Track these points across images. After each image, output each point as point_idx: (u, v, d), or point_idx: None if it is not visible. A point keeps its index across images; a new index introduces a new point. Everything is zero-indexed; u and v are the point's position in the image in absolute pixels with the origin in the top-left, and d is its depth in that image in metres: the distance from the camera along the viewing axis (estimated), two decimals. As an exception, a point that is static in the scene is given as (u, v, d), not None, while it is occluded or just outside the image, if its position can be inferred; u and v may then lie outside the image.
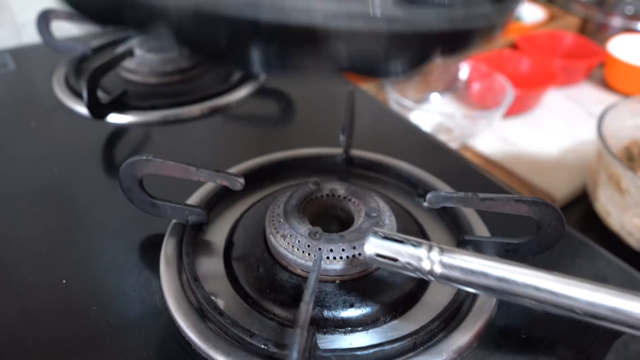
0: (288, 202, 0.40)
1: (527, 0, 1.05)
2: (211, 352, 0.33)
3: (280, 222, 0.38)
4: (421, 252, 0.30)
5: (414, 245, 0.31)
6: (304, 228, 0.37)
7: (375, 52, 0.23)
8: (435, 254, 0.30)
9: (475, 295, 0.38)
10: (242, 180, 0.39)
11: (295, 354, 0.26)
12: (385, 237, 0.31)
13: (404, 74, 0.28)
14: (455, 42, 0.25)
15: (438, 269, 0.30)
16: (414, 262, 0.30)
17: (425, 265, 0.30)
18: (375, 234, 0.32)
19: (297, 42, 0.21)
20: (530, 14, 1.01)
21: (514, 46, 0.91)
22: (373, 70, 0.27)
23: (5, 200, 0.46)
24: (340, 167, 0.50)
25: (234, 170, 0.47)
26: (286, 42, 0.21)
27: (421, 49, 0.25)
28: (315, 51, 0.22)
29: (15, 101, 0.61)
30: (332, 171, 0.50)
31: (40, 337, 0.34)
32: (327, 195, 0.42)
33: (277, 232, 0.37)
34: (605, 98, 0.84)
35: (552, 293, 0.28)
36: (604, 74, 0.88)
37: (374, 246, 0.32)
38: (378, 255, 0.31)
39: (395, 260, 0.31)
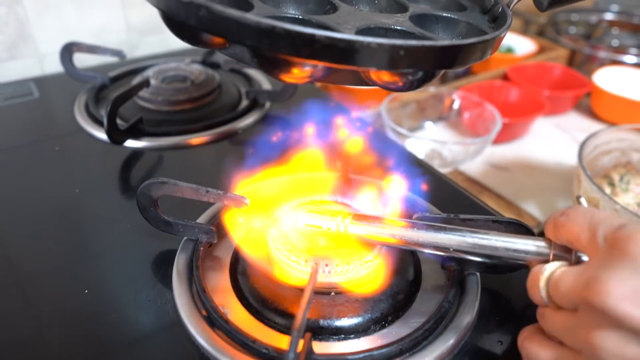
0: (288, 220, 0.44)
1: (519, 34, 1.11)
2: (218, 356, 0.37)
3: (281, 239, 0.42)
4: (336, 220, 0.41)
5: (330, 215, 0.41)
6: (302, 244, 0.41)
7: (395, 65, 0.31)
8: (346, 221, 0.41)
9: (457, 307, 0.41)
10: (247, 201, 0.44)
11: (292, 355, 0.30)
12: (311, 212, 0.42)
13: (415, 87, 0.36)
14: (456, 56, 0.33)
15: (348, 231, 0.41)
16: (332, 227, 0.41)
17: (341, 229, 0.41)
18: (305, 210, 0.42)
19: (336, 56, 0.30)
20: (522, 46, 1.06)
21: (504, 76, 0.96)
22: (392, 84, 0.36)
23: (31, 218, 0.50)
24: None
25: (240, 192, 0.52)
26: (329, 56, 0.30)
27: (429, 62, 0.32)
28: (351, 64, 0.30)
29: (40, 127, 0.66)
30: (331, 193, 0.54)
31: (63, 344, 0.38)
32: (324, 215, 0.46)
33: (278, 247, 0.42)
34: (591, 126, 0.89)
35: (436, 239, 0.39)
36: (590, 103, 0.93)
37: (303, 219, 0.42)
38: (307, 224, 0.42)
39: (320, 227, 0.41)
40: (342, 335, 0.39)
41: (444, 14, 0.42)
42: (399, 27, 0.37)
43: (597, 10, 1.18)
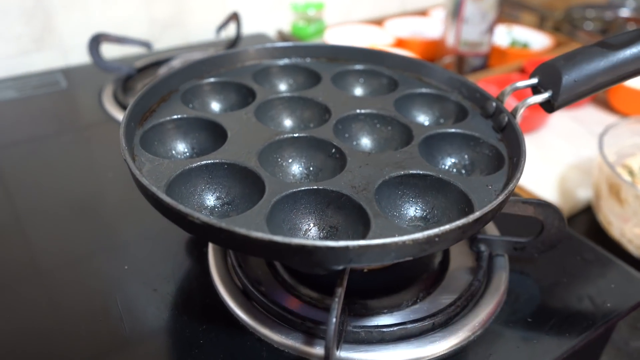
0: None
1: (535, 29, 1.12)
2: (257, 327, 0.38)
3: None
4: None
5: None
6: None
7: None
8: None
9: (486, 287, 0.43)
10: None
11: (333, 319, 0.31)
12: None
13: None
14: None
15: None
16: None
17: None
18: None
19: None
20: (538, 41, 1.07)
21: (521, 70, 0.97)
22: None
23: (70, 201, 0.52)
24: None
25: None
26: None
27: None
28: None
29: (69, 115, 0.68)
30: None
31: (103, 317, 0.40)
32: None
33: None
34: (608, 119, 0.89)
35: None
36: (607, 97, 0.93)
37: None
38: None
39: None
40: (376, 310, 0.40)
41: (450, 131, 0.44)
42: (414, 172, 0.39)
43: (612, 6, 1.19)
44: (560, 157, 0.79)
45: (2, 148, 0.60)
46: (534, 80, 0.44)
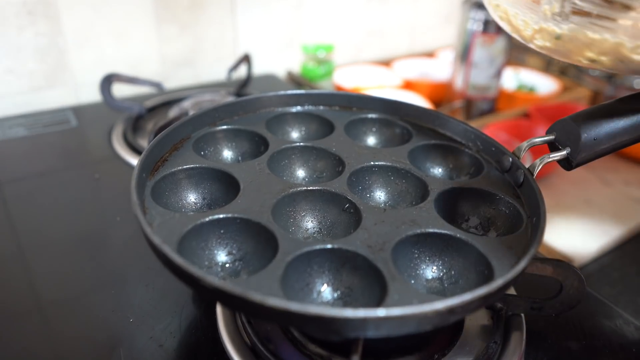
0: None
1: (541, 72, 1.13)
2: (266, 389, 0.36)
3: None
4: None
5: None
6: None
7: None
8: None
9: (502, 349, 0.41)
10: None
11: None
12: None
13: None
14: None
15: None
16: None
17: None
18: None
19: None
20: (544, 85, 1.08)
21: (526, 115, 0.97)
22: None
23: (78, 236, 0.51)
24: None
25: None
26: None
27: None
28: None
29: (79, 155, 0.68)
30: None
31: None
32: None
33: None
34: (617, 165, 0.89)
35: None
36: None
37: None
38: None
39: None
40: (390, 374, 0.39)
41: (466, 186, 0.43)
42: (431, 231, 0.38)
43: (617, 52, 1.20)
44: (570, 204, 0.78)
45: (8, 182, 0.60)
46: (551, 137, 0.44)
